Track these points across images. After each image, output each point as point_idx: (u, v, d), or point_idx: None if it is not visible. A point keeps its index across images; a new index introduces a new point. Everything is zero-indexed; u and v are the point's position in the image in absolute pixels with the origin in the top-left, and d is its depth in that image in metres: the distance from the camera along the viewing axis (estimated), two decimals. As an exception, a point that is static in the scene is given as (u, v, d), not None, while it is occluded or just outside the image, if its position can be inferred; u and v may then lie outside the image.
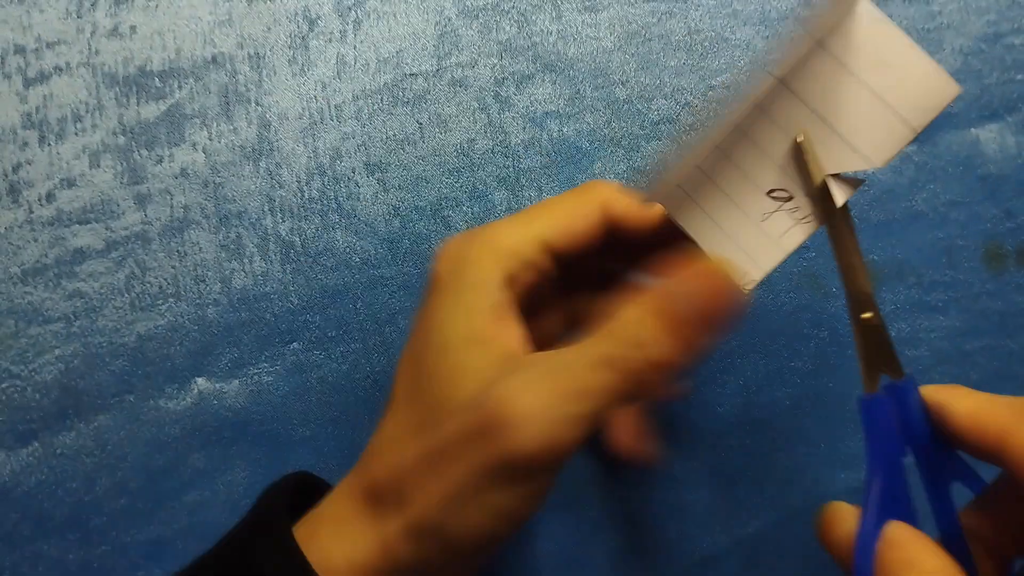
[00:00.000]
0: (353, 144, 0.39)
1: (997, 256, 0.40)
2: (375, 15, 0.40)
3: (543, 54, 0.40)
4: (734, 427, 0.39)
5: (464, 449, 0.25)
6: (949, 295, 0.39)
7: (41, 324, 0.38)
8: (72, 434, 0.38)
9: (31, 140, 0.39)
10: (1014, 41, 0.40)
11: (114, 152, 0.39)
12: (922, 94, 0.26)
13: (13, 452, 0.37)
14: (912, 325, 0.39)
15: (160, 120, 0.39)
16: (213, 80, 0.39)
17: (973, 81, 0.40)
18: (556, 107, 0.40)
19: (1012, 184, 0.40)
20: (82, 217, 0.38)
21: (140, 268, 0.38)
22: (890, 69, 0.26)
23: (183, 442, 0.38)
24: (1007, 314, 0.39)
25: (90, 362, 0.38)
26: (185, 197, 0.39)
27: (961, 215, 0.40)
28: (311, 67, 0.39)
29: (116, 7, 0.39)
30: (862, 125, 0.26)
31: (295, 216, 0.39)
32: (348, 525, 0.28)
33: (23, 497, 0.37)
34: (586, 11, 0.40)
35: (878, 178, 0.40)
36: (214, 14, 0.39)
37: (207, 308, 0.38)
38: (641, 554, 0.38)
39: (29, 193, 0.38)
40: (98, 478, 0.38)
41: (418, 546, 0.27)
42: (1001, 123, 0.40)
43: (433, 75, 0.40)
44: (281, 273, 0.39)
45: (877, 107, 0.26)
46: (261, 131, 0.39)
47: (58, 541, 0.37)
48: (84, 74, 0.39)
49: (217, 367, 0.38)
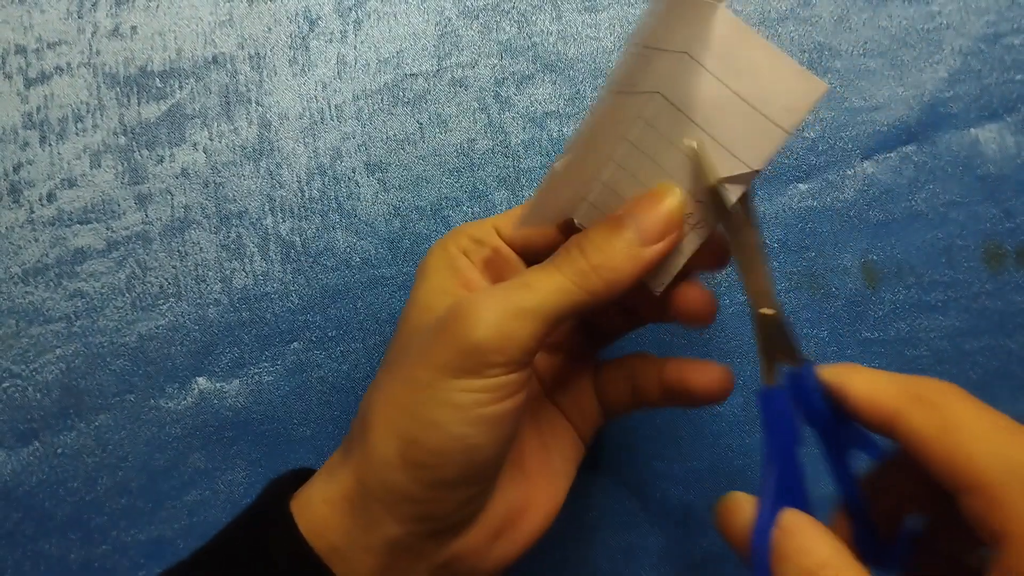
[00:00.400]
0: (353, 144, 0.39)
1: (996, 256, 0.40)
2: (375, 15, 0.40)
3: (543, 54, 0.40)
4: (734, 427, 0.39)
5: (427, 354, 0.28)
6: (948, 295, 0.39)
7: (42, 324, 0.38)
8: (73, 434, 0.38)
9: (32, 140, 0.39)
10: (1014, 41, 0.40)
11: (115, 152, 0.39)
12: (790, 96, 0.27)
13: (14, 451, 0.37)
14: (911, 325, 0.39)
15: (161, 120, 0.39)
16: (214, 80, 0.39)
17: (973, 81, 0.40)
18: (556, 107, 0.40)
19: (1011, 184, 0.40)
20: (83, 217, 0.39)
21: (141, 268, 0.38)
22: (756, 75, 0.27)
23: (184, 442, 0.38)
24: (1006, 314, 0.39)
25: (91, 362, 0.38)
26: (186, 197, 0.39)
27: (960, 215, 0.40)
28: (312, 67, 0.40)
29: (117, 7, 0.39)
30: (738, 131, 0.27)
31: (295, 216, 0.39)
32: (327, 474, 0.30)
33: (24, 496, 0.37)
34: (586, 11, 0.40)
35: (877, 178, 0.40)
36: (215, 14, 0.40)
37: (208, 308, 0.38)
38: (641, 554, 0.38)
39: (30, 193, 0.38)
40: (99, 477, 0.38)
41: (384, 472, 0.28)
42: (1000, 123, 0.40)
43: (433, 75, 0.40)
44: (281, 273, 0.39)
45: (749, 112, 0.27)
46: (262, 131, 0.39)
47: (59, 540, 0.37)
48: (85, 74, 0.39)
49: (218, 367, 0.38)
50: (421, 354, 0.28)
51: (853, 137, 0.40)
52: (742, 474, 0.39)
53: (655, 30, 0.26)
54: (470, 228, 0.32)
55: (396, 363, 0.30)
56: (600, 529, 0.38)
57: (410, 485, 0.28)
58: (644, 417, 0.39)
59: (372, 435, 0.28)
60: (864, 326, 0.39)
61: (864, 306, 0.39)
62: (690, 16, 0.27)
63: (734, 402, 0.39)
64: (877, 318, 0.39)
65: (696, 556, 0.38)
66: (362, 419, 0.29)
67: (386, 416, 0.28)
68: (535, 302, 0.27)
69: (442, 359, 0.27)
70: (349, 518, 0.28)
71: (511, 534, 0.30)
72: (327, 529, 0.28)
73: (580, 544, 0.38)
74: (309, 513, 0.29)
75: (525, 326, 0.27)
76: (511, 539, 0.30)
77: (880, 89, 0.40)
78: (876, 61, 0.40)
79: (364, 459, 0.28)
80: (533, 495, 0.31)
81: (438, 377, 0.27)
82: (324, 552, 0.28)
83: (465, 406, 0.27)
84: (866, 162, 0.40)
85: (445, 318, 0.28)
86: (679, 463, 0.39)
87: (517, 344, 0.27)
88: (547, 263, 0.29)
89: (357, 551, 0.28)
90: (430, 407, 0.27)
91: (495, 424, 0.28)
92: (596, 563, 0.38)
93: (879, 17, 0.40)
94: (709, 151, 0.28)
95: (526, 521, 0.31)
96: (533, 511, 0.31)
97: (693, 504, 0.39)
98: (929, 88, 0.40)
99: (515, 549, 0.31)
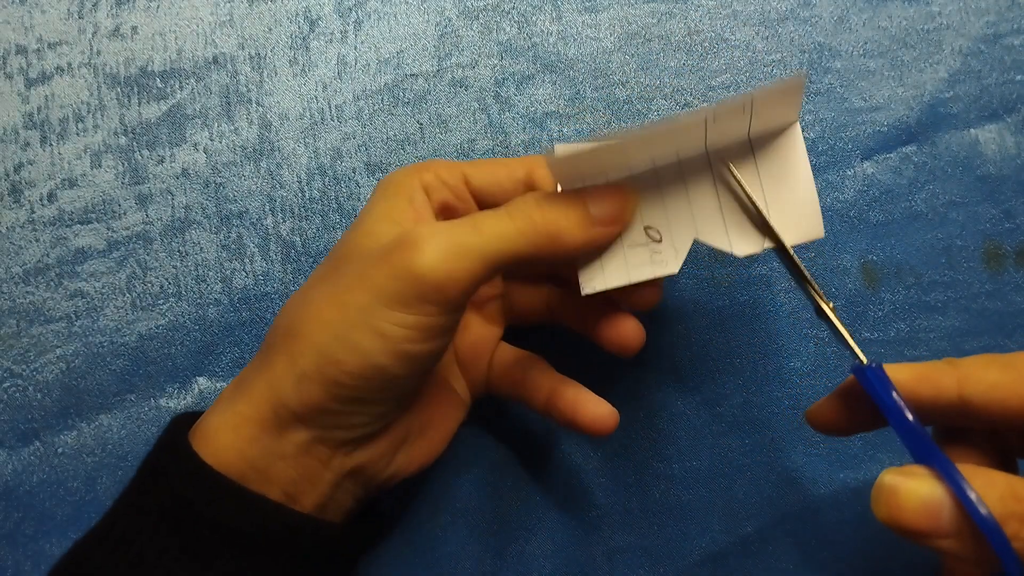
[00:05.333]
0: (354, 144, 0.39)
1: (996, 256, 0.40)
2: (376, 16, 0.40)
3: (543, 55, 0.40)
4: (734, 427, 0.39)
5: (365, 278, 0.28)
6: (948, 295, 0.39)
7: (43, 324, 0.38)
8: (73, 433, 0.38)
9: (33, 140, 0.39)
10: (1013, 42, 0.40)
11: (115, 152, 0.39)
12: (795, 224, 0.30)
13: (15, 451, 0.37)
14: (911, 325, 0.39)
15: (161, 120, 0.39)
16: (214, 80, 0.39)
17: (972, 81, 0.40)
18: (556, 108, 0.40)
19: (1011, 184, 0.40)
20: (83, 217, 0.39)
21: (141, 268, 0.39)
22: (784, 188, 0.30)
23: (184, 441, 0.38)
24: (1006, 314, 0.39)
25: (91, 362, 0.38)
26: (186, 197, 0.39)
27: (960, 215, 0.40)
28: (312, 67, 0.40)
29: (117, 8, 0.39)
30: (742, 220, 0.30)
31: (296, 216, 0.39)
32: (227, 402, 0.30)
33: (25, 496, 0.37)
34: (586, 12, 0.40)
35: (877, 179, 0.40)
36: (215, 15, 0.40)
37: (208, 308, 0.39)
38: (641, 554, 0.38)
39: (31, 193, 0.39)
40: (99, 477, 0.38)
41: (301, 384, 0.28)
42: (1000, 123, 0.40)
43: (433, 75, 0.40)
44: (282, 273, 0.39)
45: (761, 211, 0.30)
46: (262, 131, 0.39)
47: (60, 540, 0.37)
48: (86, 74, 0.39)
49: (218, 367, 0.38)
50: (359, 277, 0.28)
51: (853, 137, 0.40)
52: (742, 474, 0.39)
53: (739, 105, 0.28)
54: (440, 167, 0.32)
55: (328, 280, 0.30)
56: (600, 529, 0.38)
57: (325, 399, 0.28)
58: (644, 417, 0.39)
59: (294, 346, 0.29)
60: (864, 326, 0.39)
61: (864, 306, 0.39)
62: (771, 115, 0.29)
63: (734, 402, 0.39)
64: (877, 318, 0.39)
65: (696, 556, 0.38)
66: (285, 329, 0.30)
67: (311, 331, 0.29)
68: (480, 243, 0.28)
69: (379, 285, 0.28)
70: (260, 430, 0.29)
71: (410, 450, 0.32)
72: (232, 451, 0.29)
73: (580, 544, 0.38)
74: (214, 443, 0.29)
75: (466, 265, 0.28)
76: (410, 454, 0.32)
77: (880, 89, 0.40)
78: (876, 61, 0.40)
79: (282, 370, 0.29)
80: (433, 417, 0.33)
81: (372, 303, 0.28)
82: (236, 475, 0.29)
83: (393, 339, 0.28)
84: (866, 162, 0.40)
85: (390, 246, 0.28)
86: (679, 463, 0.39)
87: (456, 283, 0.28)
88: (500, 209, 0.29)
89: (271, 459, 0.29)
90: (357, 332, 0.28)
91: (417, 361, 0.29)
92: (596, 563, 0.38)
93: (879, 17, 0.40)
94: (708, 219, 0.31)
95: (425, 440, 0.33)
96: (432, 431, 0.33)
97: (693, 504, 0.39)
98: (929, 88, 0.40)
99: (414, 464, 0.32)
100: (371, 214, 0.31)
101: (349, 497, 0.31)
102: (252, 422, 0.29)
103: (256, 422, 0.29)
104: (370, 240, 0.30)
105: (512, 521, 0.38)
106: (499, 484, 0.39)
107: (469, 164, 0.33)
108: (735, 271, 0.39)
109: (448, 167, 0.32)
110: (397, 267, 0.27)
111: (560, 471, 0.39)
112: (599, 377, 0.39)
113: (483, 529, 0.38)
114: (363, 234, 0.31)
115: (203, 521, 0.28)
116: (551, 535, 0.38)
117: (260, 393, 0.29)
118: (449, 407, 0.34)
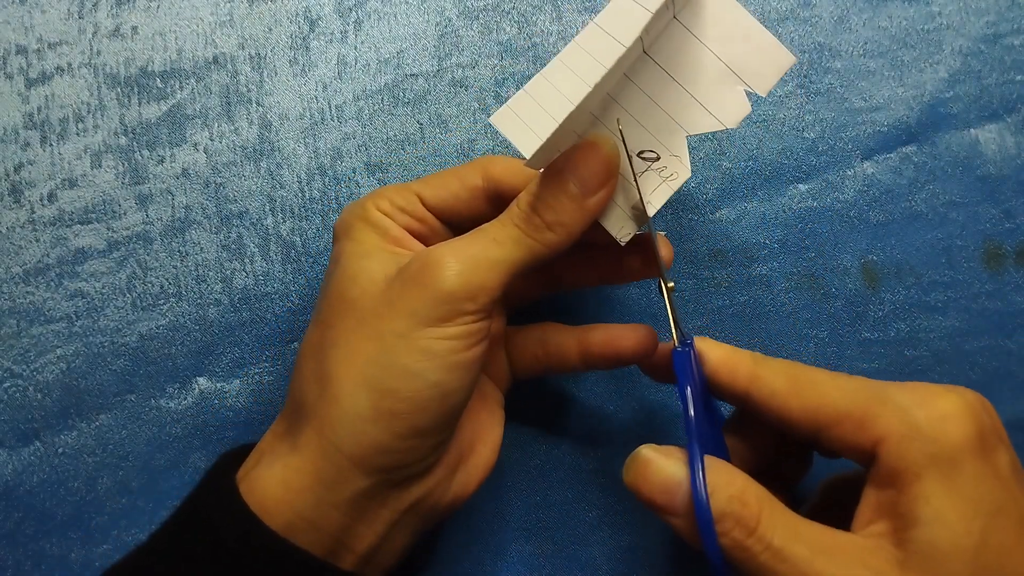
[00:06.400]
0: (354, 144, 0.39)
1: (996, 256, 0.40)
2: (376, 16, 0.40)
3: (543, 55, 0.40)
4: (734, 427, 0.39)
5: (397, 306, 0.28)
6: (948, 295, 0.39)
7: (43, 324, 0.38)
8: (74, 433, 0.38)
9: (33, 140, 0.39)
10: (1013, 42, 0.40)
11: (116, 152, 0.39)
12: (763, 65, 0.30)
13: (15, 451, 0.37)
14: (911, 325, 0.39)
15: (161, 120, 0.39)
16: (214, 80, 0.39)
17: (972, 82, 0.40)
18: (556, 107, 0.40)
19: (1011, 184, 0.40)
20: (84, 217, 0.39)
21: (141, 268, 0.39)
22: (736, 42, 0.30)
23: (184, 441, 0.38)
24: (1006, 314, 0.39)
25: (92, 362, 0.38)
26: (186, 197, 0.39)
27: (960, 215, 0.40)
28: (312, 68, 0.40)
29: (118, 8, 0.39)
30: (714, 91, 0.30)
31: (296, 216, 0.39)
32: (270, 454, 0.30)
33: (25, 496, 0.37)
34: (586, 11, 0.40)
35: (877, 179, 0.40)
36: (215, 15, 0.40)
37: (208, 308, 0.39)
38: (641, 554, 0.38)
39: (31, 193, 0.39)
40: (100, 477, 0.38)
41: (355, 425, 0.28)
42: (1000, 123, 0.40)
43: (434, 76, 0.40)
44: (282, 273, 0.39)
45: (726, 75, 0.30)
46: (262, 131, 0.39)
47: (60, 540, 0.37)
48: (86, 74, 0.39)
49: (218, 367, 0.38)
50: (389, 306, 0.28)
51: (853, 137, 0.40)
52: (742, 474, 0.39)
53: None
54: (391, 193, 0.32)
55: (339, 326, 0.30)
56: (600, 529, 0.39)
57: (383, 436, 0.28)
58: (644, 417, 0.39)
59: (338, 391, 0.29)
60: (864, 326, 0.39)
61: (864, 306, 0.39)
62: None
63: (734, 402, 0.39)
64: (877, 318, 0.39)
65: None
66: (319, 380, 0.29)
67: (353, 371, 0.28)
68: (502, 254, 0.29)
69: (412, 309, 0.28)
70: (313, 480, 0.29)
71: (466, 469, 0.32)
72: (283, 504, 0.29)
73: (580, 544, 0.38)
74: (261, 494, 0.29)
75: (492, 276, 0.28)
76: (467, 474, 0.32)
77: (880, 89, 0.40)
78: (876, 61, 0.40)
79: (329, 417, 0.29)
80: (478, 430, 0.33)
81: (412, 327, 0.28)
82: (281, 527, 0.28)
83: (441, 353, 0.28)
84: (866, 162, 0.40)
85: (411, 270, 0.29)
86: (679, 463, 0.39)
87: (486, 292, 0.28)
88: (504, 219, 0.30)
89: (324, 509, 0.29)
90: (405, 356, 0.28)
91: (467, 369, 0.29)
92: (596, 563, 0.38)
93: (879, 17, 0.40)
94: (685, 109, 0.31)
95: (477, 455, 0.33)
96: (481, 445, 0.33)
97: (693, 504, 0.39)
98: (929, 88, 0.40)
99: (471, 483, 0.32)
100: (348, 253, 0.31)
101: (408, 532, 0.31)
102: (303, 473, 0.29)
103: (308, 473, 0.29)
104: (363, 277, 0.30)
105: (512, 521, 0.38)
106: (499, 484, 0.39)
107: (419, 183, 0.33)
108: (735, 271, 0.39)
109: (398, 191, 0.32)
110: (427, 288, 0.28)
111: (560, 471, 0.39)
112: (599, 377, 0.39)
113: (483, 529, 0.38)
114: (351, 276, 0.30)
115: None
116: (551, 535, 0.39)
117: (308, 442, 0.29)
118: (489, 415, 0.34)
